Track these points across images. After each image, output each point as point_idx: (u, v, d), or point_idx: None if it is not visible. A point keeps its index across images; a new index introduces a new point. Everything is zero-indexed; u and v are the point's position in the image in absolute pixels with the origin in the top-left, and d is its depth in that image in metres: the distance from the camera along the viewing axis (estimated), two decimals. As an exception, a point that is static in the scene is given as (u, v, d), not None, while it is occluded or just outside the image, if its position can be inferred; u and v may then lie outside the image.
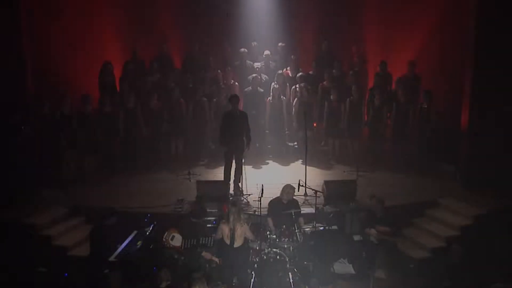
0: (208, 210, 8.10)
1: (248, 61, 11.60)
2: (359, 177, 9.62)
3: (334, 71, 11.27)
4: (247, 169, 9.08)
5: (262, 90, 10.81)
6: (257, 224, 7.69)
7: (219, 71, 11.31)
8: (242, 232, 6.88)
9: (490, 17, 8.90)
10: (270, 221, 7.69)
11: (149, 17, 12.37)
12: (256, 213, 7.73)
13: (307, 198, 8.66)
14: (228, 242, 6.85)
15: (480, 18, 9.01)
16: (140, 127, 10.17)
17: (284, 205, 7.69)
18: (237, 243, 6.85)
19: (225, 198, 8.58)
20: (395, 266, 7.50)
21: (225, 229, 6.87)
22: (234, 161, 9.13)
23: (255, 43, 12.15)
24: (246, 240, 7.07)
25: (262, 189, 7.63)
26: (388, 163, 10.43)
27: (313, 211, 8.02)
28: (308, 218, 8.00)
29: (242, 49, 11.75)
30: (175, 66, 11.86)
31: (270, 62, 11.69)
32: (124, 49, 11.97)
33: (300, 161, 10.58)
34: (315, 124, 10.93)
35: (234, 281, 6.93)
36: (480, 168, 9.22)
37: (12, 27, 9.31)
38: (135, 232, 7.49)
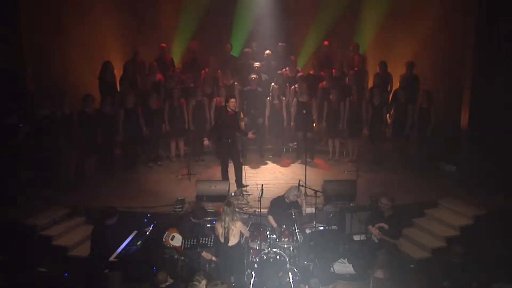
0: (208, 210, 8.10)
1: (250, 61, 11.59)
2: (359, 177, 9.62)
3: (334, 71, 11.27)
4: (247, 169, 9.07)
5: (261, 90, 10.80)
6: (257, 224, 7.70)
7: (219, 71, 11.30)
8: (236, 231, 6.89)
9: (490, 17, 8.91)
10: (271, 219, 7.68)
11: (149, 17, 12.37)
12: (256, 213, 7.72)
13: (307, 198, 8.65)
14: (222, 240, 6.88)
15: (481, 18, 9.01)
16: (140, 127, 10.16)
17: (287, 204, 7.68)
18: (232, 242, 6.87)
19: (225, 198, 8.57)
20: (395, 266, 7.48)
21: (219, 229, 6.90)
22: (232, 161, 9.14)
23: (256, 43, 12.16)
24: (241, 238, 7.06)
25: (262, 189, 7.63)
26: (388, 163, 10.43)
27: (313, 211, 8.01)
28: (308, 218, 8.00)
29: (246, 49, 11.77)
30: (175, 66, 11.87)
31: (271, 62, 11.69)
32: (124, 49, 11.97)
33: (300, 161, 10.58)
34: (315, 125, 10.94)
35: (232, 281, 6.94)
36: (480, 168, 9.21)
37: (11, 26, 9.30)
38: (135, 232, 7.50)
